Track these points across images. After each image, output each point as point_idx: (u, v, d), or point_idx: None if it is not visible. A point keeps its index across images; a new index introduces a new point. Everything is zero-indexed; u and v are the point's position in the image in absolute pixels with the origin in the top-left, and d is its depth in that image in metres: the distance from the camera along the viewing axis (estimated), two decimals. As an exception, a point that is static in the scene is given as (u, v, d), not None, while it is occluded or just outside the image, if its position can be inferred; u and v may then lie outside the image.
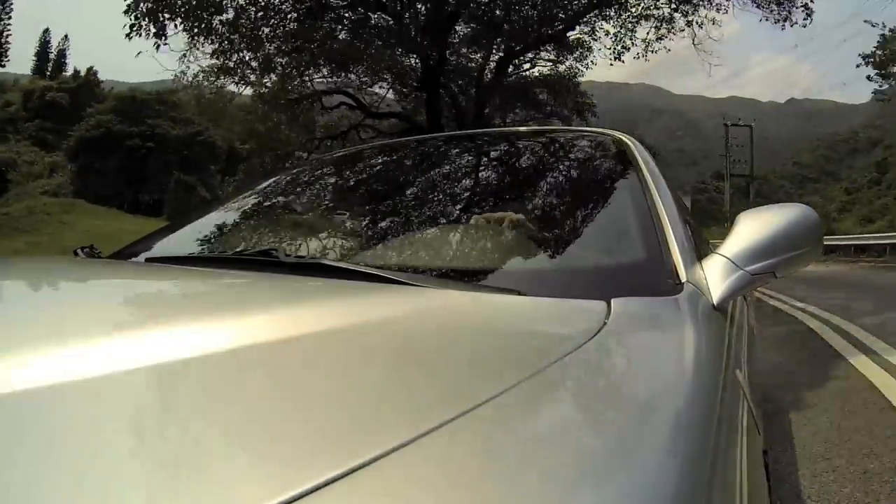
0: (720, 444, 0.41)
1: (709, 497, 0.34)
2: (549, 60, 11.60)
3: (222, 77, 9.39)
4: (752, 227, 0.79)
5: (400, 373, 0.39)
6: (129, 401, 0.32)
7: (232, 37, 8.60)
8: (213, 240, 1.11)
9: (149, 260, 0.95)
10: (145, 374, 0.35)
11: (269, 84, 9.59)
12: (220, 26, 8.49)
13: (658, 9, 9.91)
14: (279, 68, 9.26)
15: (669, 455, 0.33)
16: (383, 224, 1.14)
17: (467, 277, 0.69)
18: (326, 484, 0.24)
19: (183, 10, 8.02)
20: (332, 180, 1.39)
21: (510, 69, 11.22)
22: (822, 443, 1.98)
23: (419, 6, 9.54)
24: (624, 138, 1.14)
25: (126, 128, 29.00)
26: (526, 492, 0.26)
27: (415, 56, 9.59)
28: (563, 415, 0.34)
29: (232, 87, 10.00)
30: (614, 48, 10.37)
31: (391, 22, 9.36)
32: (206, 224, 1.22)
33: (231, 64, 8.99)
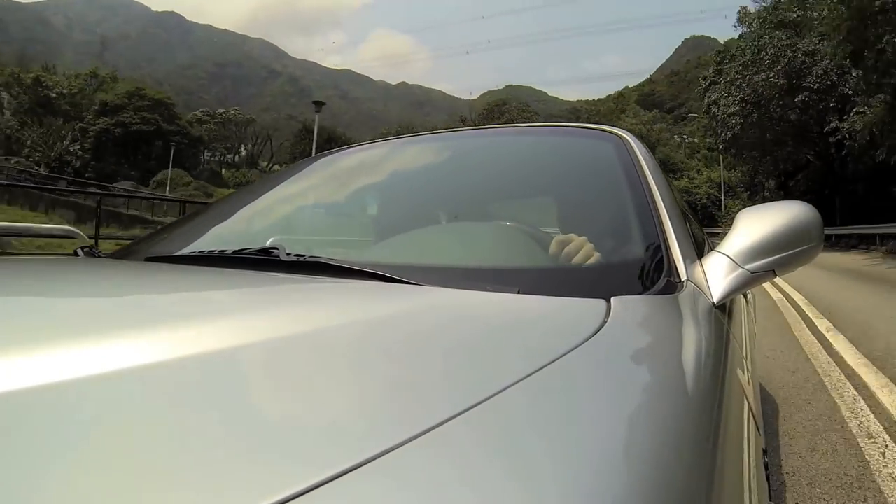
0: (720, 443, 0.41)
1: (708, 496, 0.34)
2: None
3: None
4: (753, 225, 0.79)
5: (399, 371, 0.39)
6: (130, 400, 0.32)
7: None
8: (213, 238, 1.11)
9: (149, 259, 0.94)
10: (146, 373, 0.35)
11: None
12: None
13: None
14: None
15: (670, 454, 0.33)
16: (384, 222, 1.14)
17: (468, 276, 0.69)
18: (327, 482, 0.24)
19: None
20: (333, 179, 1.39)
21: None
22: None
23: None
24: (624, 135, 1.14)
25: (166, 125, 40.38)
26: (526, 490, 0.26)
27: None
28: (562, 413, 0.34)
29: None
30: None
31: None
32: (206, 223, 1.22)
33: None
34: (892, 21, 11.10)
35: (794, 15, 16.15)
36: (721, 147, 23.17)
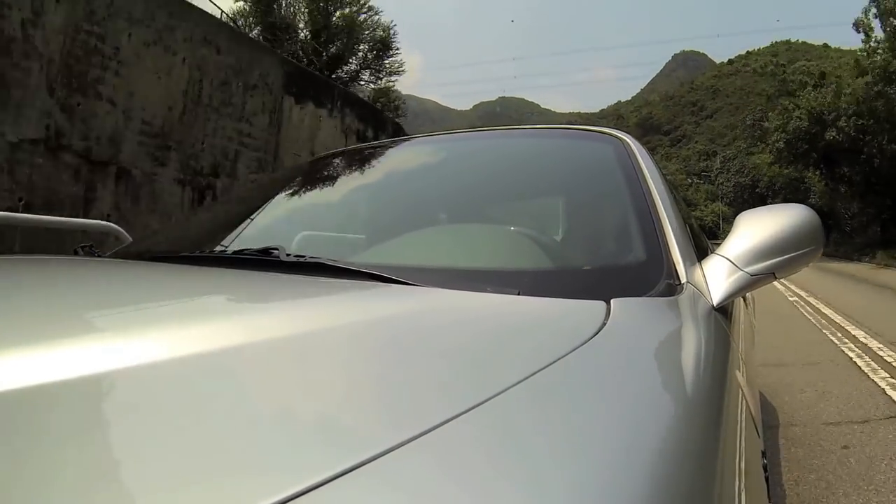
0: (719, 446, 0.41)
1: (708, 498, 0.34)
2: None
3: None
4: (753, 228, 0.79)
5: (399, 372, 0.39)
6: (128, 400, 0.32)
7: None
8: (212, 239, 1.11)
9: (148, 259, 0.94)
10: (144, 373, 0.35)
11: None
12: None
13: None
14: None
15: (668, 456, 0.33)
16: (384, 223, 1.14)
17: (467, 277, 0.69)
18: (324, 483, 0.24)
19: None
20: (333, 179, 1.39)
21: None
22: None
23: None
24: (624, 138, 1.14)
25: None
26: (525, 491, 0.25)
27: None
28: (562, 415, 0.34)
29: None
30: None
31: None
32: (206, 223, 1.22)
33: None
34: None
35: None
36: (724, 203, 52.96)
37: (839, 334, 4.76)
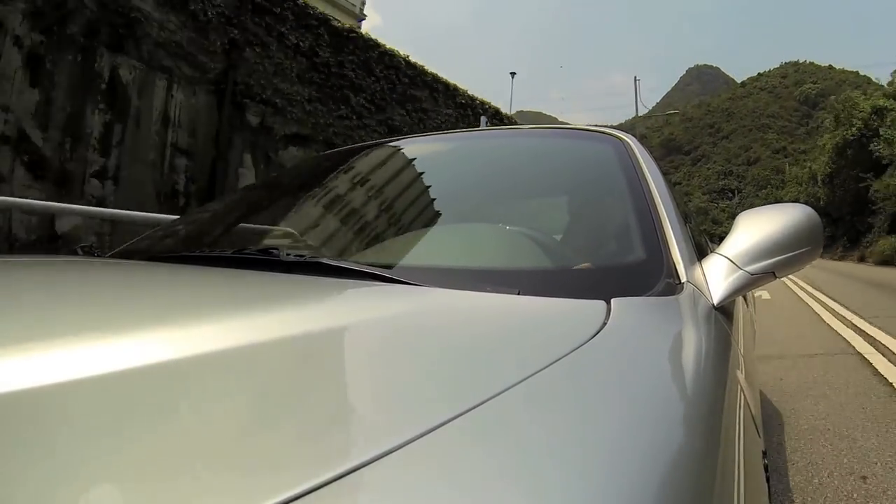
0: (719, 445, 0.41)
1: (708, 498, 0.34)
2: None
3: None
4: (752, 227, 0.79)
5: (399, 372, 0.39)
6: (129, 400, 0.32)
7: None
8: (213, 239, 1.11)
9: (148, 259, 0.94)
10: (144, 373, 0.35)
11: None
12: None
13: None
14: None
15: (669, 456, 0.33)
16: (384, 223, 1.14)
17: (468, 277, 0.69)
18: (325, 484, 0.24)
19: None
20: (334, 179, 1.39)
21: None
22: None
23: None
24: (624, 137, 1.14)
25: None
26: (525, 492, 0.26)
27: None
28: (562, 415, 0.34)
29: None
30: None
31: None
32: (207, 223, 1.22)
33: None
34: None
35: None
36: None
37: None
